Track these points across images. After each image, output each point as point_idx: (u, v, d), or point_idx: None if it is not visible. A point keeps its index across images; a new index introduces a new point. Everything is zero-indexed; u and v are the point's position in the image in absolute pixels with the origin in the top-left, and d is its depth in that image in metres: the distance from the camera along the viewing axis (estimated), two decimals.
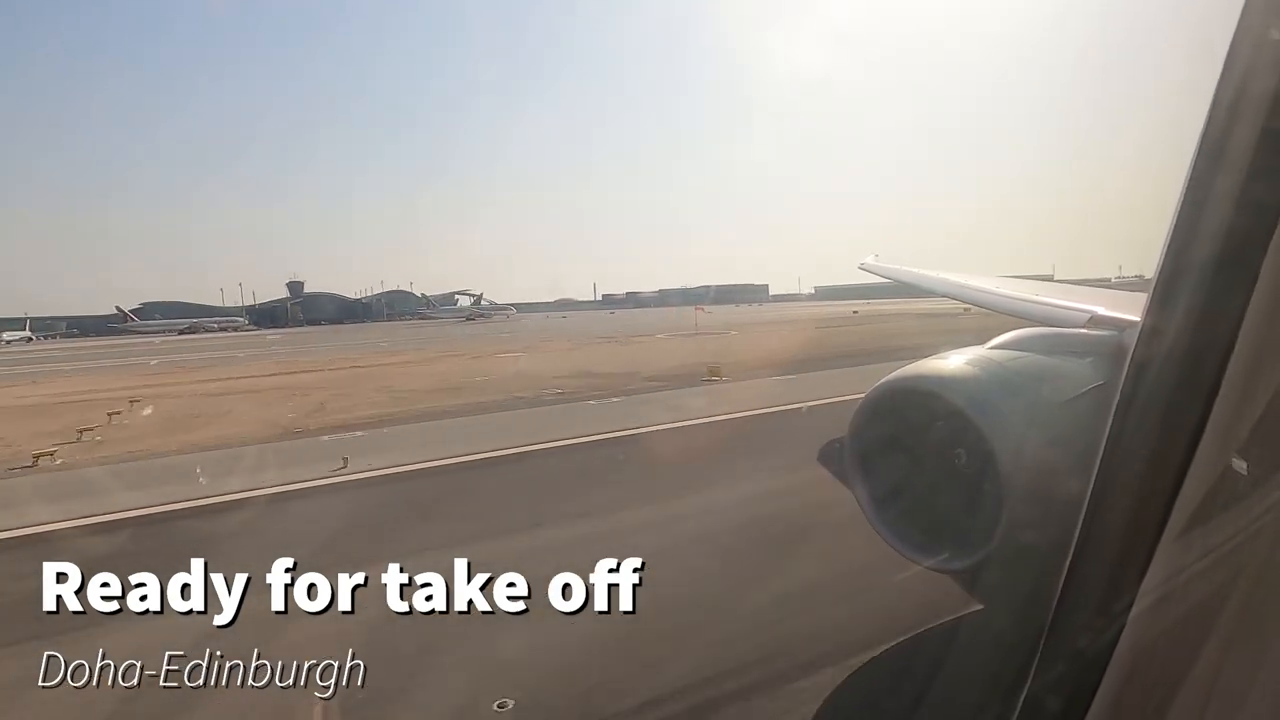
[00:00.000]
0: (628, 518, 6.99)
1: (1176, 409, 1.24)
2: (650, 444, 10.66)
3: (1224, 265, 1.17)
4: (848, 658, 4.05)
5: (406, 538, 6.81)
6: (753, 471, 8.57)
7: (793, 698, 3.81)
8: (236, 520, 7.68)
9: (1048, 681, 1.41)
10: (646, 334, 39.11)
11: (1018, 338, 3.43)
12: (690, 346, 29.23)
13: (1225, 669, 1.18)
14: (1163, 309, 1.28)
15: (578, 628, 3.09)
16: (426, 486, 8.83)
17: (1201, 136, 1.19)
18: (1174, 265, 1.26)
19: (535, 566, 3.06)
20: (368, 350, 34.95)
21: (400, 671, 4.07)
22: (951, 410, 2.90)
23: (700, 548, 5.98)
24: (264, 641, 3.00)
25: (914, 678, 3.69)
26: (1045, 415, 2.82)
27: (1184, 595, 1.22)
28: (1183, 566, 1.21)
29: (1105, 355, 3.02)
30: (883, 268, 10.40)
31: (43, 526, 7.46)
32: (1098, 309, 3.95)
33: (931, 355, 3.28)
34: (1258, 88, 1.11)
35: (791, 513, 6.83)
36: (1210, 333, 1.17)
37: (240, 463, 10.50)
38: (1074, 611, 1.38)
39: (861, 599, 4.78)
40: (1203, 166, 1.19)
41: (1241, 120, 1.13)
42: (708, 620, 4.74)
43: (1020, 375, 3.03)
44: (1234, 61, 1.14)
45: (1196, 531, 1.20)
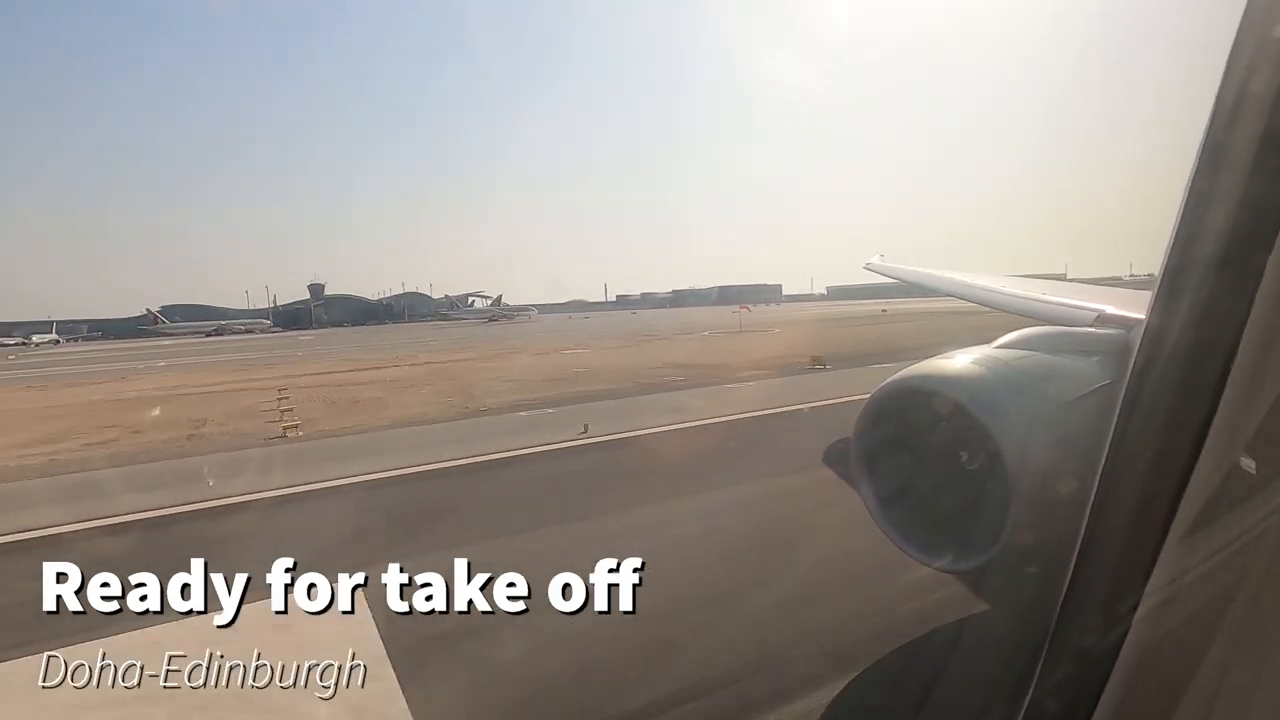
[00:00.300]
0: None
1: (1181, 408, 1.23)
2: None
3: (1228, 263, 1.16)
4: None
5: (717, 475, 7.98)
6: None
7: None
8: (550, 467, 8.80)
9: (1053, 683, 1.40)
10: (687, 332, 39.63)
11: (1024, 337, 3.41)
12: (755, 341, 29.93)
13: (1231, 670, 1.17)
14: (1167, 307, 1.28)
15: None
16: (700, 439, 10.03)
17: (1205, 135, 1.18)
18: (1178, 263, 1.26)
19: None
20: (421, 349, 35.23)
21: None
22: (957, 410, 2.87)
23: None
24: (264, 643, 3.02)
25: (919, 679, 3.66)
26: (1051, 415, 2.79)
27: (1189, 596, 1.21)
28: (1188, 567, 1.20)
29: (1112, 354, 2.99)
30: (888, 267, 10.36)
31: (353, 478, 8.47)
32: (1106, 307, 3.92)
33: (937, 354, 3.26)
34: (1260, 87, 1.10)
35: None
36: (1215, 331, 1.16)
37: (475, 432, 11.22)
38: (1079, 612, 1.37)
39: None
40: (1206, 165, 1.19)
41: (1244, 120, 1.13)
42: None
43: (1026, 375, 3.00)
44: (1236, 61, 1.13)
45: (1202, 532, 1.19)
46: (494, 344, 37.42)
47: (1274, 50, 1.08)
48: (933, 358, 3.25)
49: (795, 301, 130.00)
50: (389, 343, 44.76)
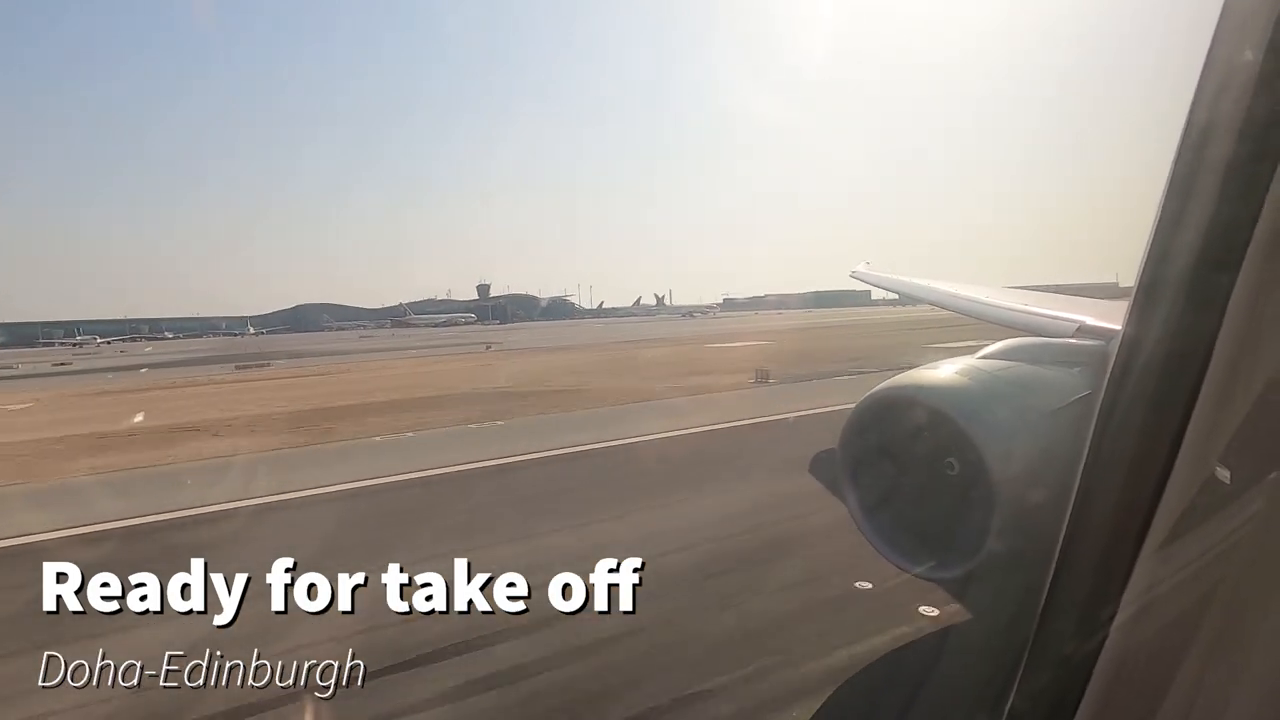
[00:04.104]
0: None
1: (1156, 418, 1.24)
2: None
3: (1202, 273, 1.18)
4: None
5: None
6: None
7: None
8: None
9: (1032, 690, 1.40)
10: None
11: (1007, 347, 3.46)
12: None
13: (1208, 676, 1.18)
14: (1142, 318, 1.29)
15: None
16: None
17: (1177, 153, 1.20)
18: (1153, 273, 1.27)
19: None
20: (690, 335, 43.66)
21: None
22: (941, 419, 2.91)
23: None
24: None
25: (901, 687, 3.71)
26: (1033, 425, 2.84)
27: (1166, 604, 1.22)
28: (1165, 576, 1.22)
29: (1092, 364, 3.05)
30: (874, 275, 10.44)
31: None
32: (1086, 319, 4.00)
33: (922, 365, 3.33)
34: (1235, 97, 1.12)
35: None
36: (1188, 342, 1.17)
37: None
38: (1058, 620, 1.38)
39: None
40: (1181, 175, 1.21)
41: (1218, 130, 1.15)
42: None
43: (1009, 385, 3.06)
44: (1210, 71, 1.15)
45: (1178, 540, 1.21)
46: (744, 331, 45.31)
47: (1247, 63, 1.10)
48: (917, 368, 3.32)
49: (877, 306, 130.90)
50: (639, 333, 53.33)
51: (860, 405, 3.28)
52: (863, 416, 3.26)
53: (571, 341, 44.17)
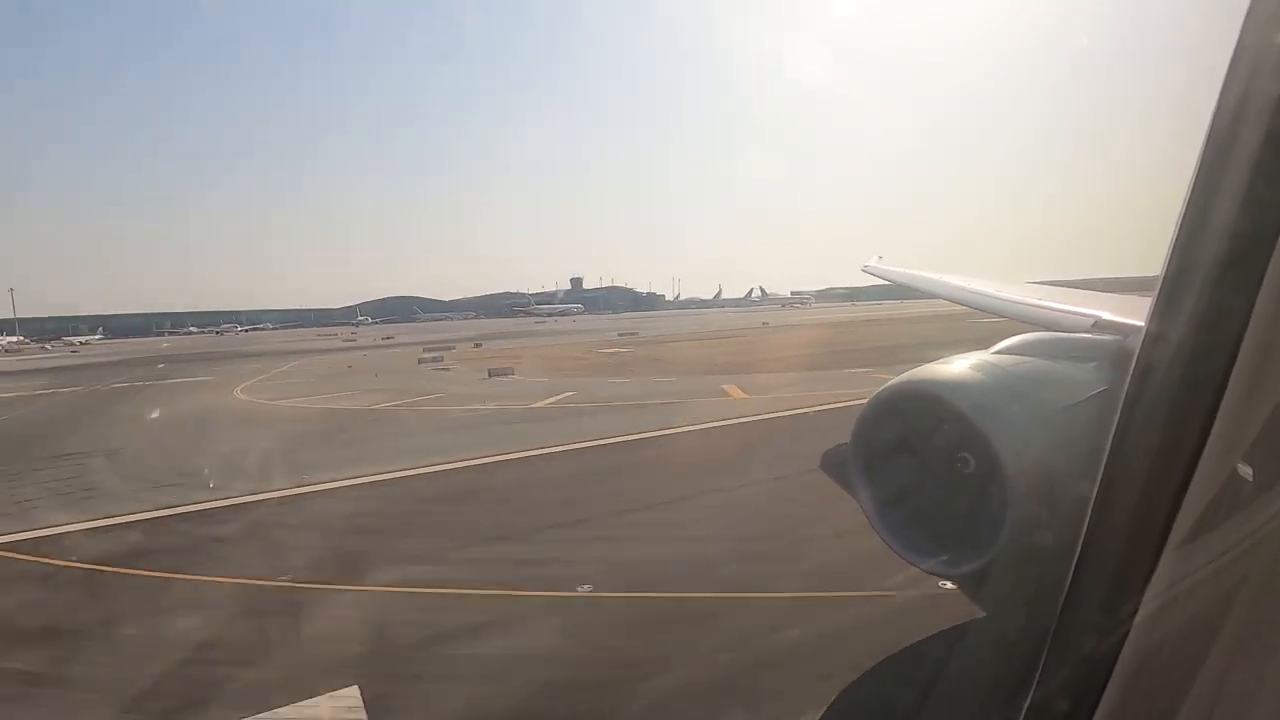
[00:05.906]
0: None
1: (1181, 414, 1.23)
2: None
3: (1229, 268, 1.16)
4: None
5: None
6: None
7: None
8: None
9: (1052, 688, 1.40)
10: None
11: (1022, 342, 3.41)
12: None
13: (1231, 676, 1.17)
14: (1167, 313, 1.28)
15: None
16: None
17: (1206, 140, 1.18)
18: (1179, 268, 1.25)
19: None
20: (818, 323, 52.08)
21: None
22: (955, 415, 2.87)
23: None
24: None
25: (918, 683, 3.68)
26: (1049, 420, 2.80)
27: (1189, 601, 1.21)
28: (1188, 572, 1.21)
29: (1109, 360, 3.01)
30: (885, 270, 10.37)
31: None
32: (1102, 313, 3.94)
33: (936, 360, 3.28)
34: (1262, 92, 1.10)
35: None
36: (1215, 337, 1.16)
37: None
38: (1078, 617, 1.37)
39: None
40: (1207, 169, 1.19)
41: (1246, 123, 1.13)
42: None
43: (1024, 380, 3.02)
44: (1238, 67, 1.13)
45: (1201, 537, 1.19)
46: (865, 319, 52.83)
47: (1276, 56, 1.08)
48: (931, 363, 3.27)
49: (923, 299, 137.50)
50: (774, 320, 62.37)
51: (873, 400, 3.23)
52: (876, 411, 3.22)
53: (728, 326, 52.13)
